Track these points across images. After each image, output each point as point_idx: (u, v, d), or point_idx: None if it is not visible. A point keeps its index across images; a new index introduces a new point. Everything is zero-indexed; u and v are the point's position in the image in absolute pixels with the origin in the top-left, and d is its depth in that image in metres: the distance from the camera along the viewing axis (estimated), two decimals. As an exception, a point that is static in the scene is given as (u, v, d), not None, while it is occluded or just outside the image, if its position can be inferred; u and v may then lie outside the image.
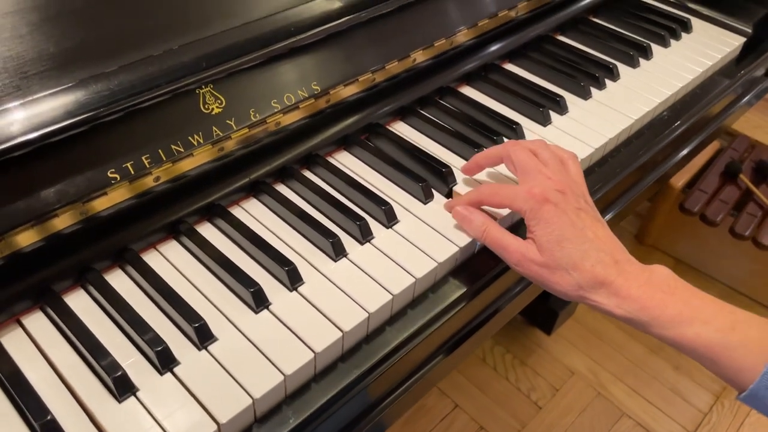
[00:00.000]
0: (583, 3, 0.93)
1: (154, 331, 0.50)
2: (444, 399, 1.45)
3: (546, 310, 1.51)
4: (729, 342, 0.49)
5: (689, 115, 0.85)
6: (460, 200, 0.62)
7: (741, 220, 1.51)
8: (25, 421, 0.45)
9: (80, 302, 0.53)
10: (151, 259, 0.57)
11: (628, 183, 0.80)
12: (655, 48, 0.90)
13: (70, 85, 0.50)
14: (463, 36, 0.77)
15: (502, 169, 0.67)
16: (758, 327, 0.50)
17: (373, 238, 0.61)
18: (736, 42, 0.93)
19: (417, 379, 0.59)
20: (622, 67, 0.86)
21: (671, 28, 0.93)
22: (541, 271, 0.55)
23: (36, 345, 0.51)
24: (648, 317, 0.51)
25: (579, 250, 0.53)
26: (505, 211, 0.63)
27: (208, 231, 0.60)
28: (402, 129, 0.74)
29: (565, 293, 0.55)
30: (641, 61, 0.88)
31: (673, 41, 0.92)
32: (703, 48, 0.91)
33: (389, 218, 0.62)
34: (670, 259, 1.77)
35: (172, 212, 0.59)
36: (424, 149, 0.71)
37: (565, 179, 0.58)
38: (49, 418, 0.44)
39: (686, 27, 0.95)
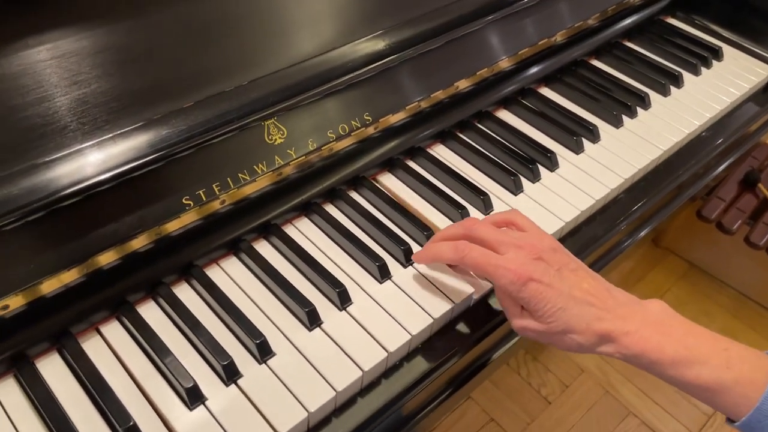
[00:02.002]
0: (617, 27, 0.96)
1: (221, 345, 0.55)
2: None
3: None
4: (725, 380, 0.53)
5: (720, 141, 0.88)
6: (436, 256, 0.62)
7: (757, 230, 1.53)
8: (108, 424, 0.51)
9: (152, 313, 0.59)
10: (214, 273, 0.62)
11: (658, 206, 0.84)
12: (687, 76, 0.93)
13: (152, 120, 0.55)
14: (503, 63, 0.81)
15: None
16: (750, 363, 0.54)
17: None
18: (765, 72, 0.96)
19: (452, 392, 0.65)
20: (653, 95, 0.90)
21: (703, 57, 0.96)
22: (542, 338, 0.57)
23: (114, 352, 0.56)
24: (647, 361, 0.54)
25: (573, 316, 0.55)
26: None
27: (264, 248, 0.65)
28: (442, 152, 0.78)
29: (569, 350, 0.57)
30: (672, 89, 0.91)
31: (704, 69, 0.95)
32: (733, 78, 0.94)
33: (430, 243, 0.67)
34: (683, 263, 1.81)
35: (232, 230, 0.64)
36: (463, 174, 0.75)
37: (534, 239, 0.59)
38: (131, 423, 0.50)
39: (717, 55, 0.97)
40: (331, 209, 0.70)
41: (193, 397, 0.53)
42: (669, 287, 1.74)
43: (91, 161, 0.52)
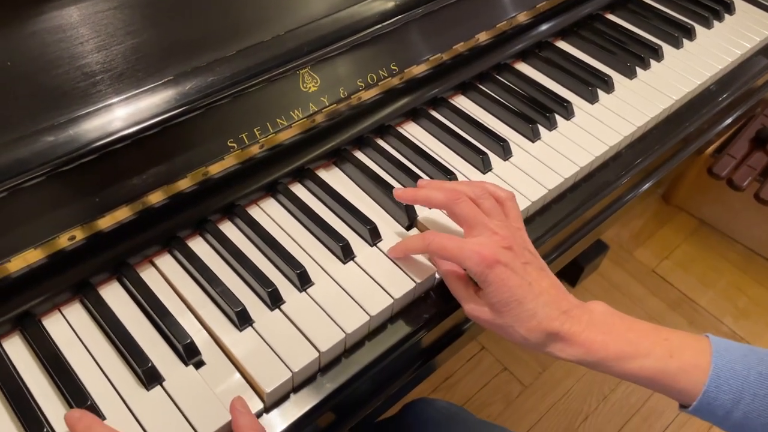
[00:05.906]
0: (633, -18, 0.99)
1: (265, 274, 0.61)
2: (472, 341, 1.57)
3: (572, 263, 1.61)
4: (669, 369, 0.55)
5: (729, 93, 0.91)
6: (406, 249, 0.64)
7: (767, 186, 1.57)
8: (168, 342, 0.57)
9: (200, 247, 0.64)
10: (254, 212, 0.67)
11: (667, 155, 0.88)
12: (699, 29, 0.96)
13: (199, 67, 0.59)
14: (521, 17, 0.84)
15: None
16: (691, 350, 0.55)
17: (439, 202, 0.70)
18: (776, 25, 0.98)
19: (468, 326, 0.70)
20: (666, 48, 0.93)
21: (715, 10, 0.98)
22: (493, 327, 0.59)
23: (168, 281, 0.62)
24: (594, 359, 0.56)
25: (528, 309, 0.57)
26: None
27: (299, 190, 0.70)
28: (463, 102, 0.83)
29: (516, 343, 0.59)
30: (685, 42, 0.94)
31: (716, 23, 0.98)
32: (744, 31, 0.97)
33: (453, 185, 0.71)
34: (693, 220, 1.84)
35: (269, 174, 0.68)
36: (484, 123, 0.79)
37: (509, 232, 0.60)
38: (189, 341, 0.56)
39: (729, 9, 1.00)
40: (360, 155, 0.75)
41: (243, 319, 0.58)
42: (679, 243, 1.78)
43: (145, 106, 0.57)
